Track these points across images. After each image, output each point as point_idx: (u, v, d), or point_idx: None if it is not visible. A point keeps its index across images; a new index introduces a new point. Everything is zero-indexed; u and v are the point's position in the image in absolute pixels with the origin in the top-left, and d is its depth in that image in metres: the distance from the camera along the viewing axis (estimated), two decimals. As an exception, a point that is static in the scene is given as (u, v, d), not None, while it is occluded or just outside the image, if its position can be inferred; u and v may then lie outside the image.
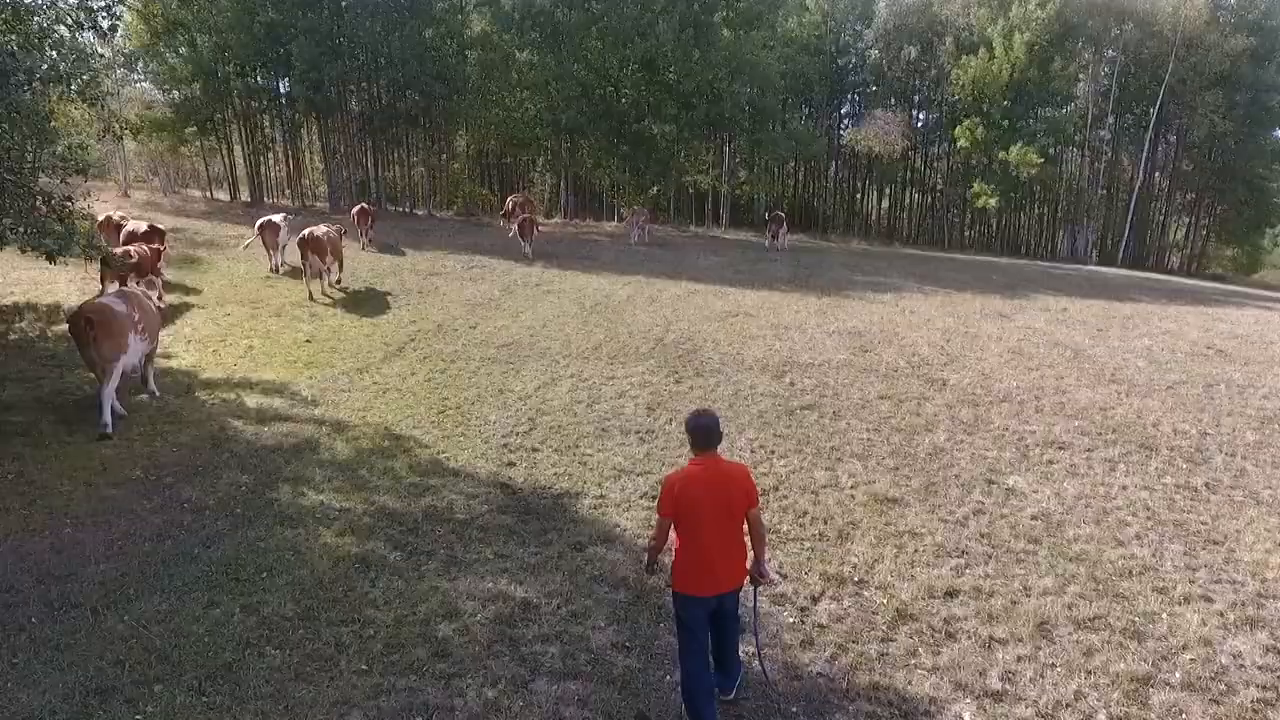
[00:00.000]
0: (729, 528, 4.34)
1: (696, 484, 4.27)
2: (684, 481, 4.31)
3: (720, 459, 4.43)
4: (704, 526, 4.26)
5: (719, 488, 4.29)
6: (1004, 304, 19.15)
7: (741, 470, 4.54)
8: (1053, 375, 12.35)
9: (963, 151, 36.59)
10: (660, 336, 14.06)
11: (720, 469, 4.38)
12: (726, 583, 4.38)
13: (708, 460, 4.36)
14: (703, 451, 4.38)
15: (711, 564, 4.30)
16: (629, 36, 31.14)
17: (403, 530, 6.74)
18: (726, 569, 4.36)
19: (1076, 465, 8.60)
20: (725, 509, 4.30)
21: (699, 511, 4.25)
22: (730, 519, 4.33)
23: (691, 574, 4.32)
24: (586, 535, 6.71)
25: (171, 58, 34.10)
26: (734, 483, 4.36)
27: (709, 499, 4.26)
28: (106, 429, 8.67)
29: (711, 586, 4.32)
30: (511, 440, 8.96)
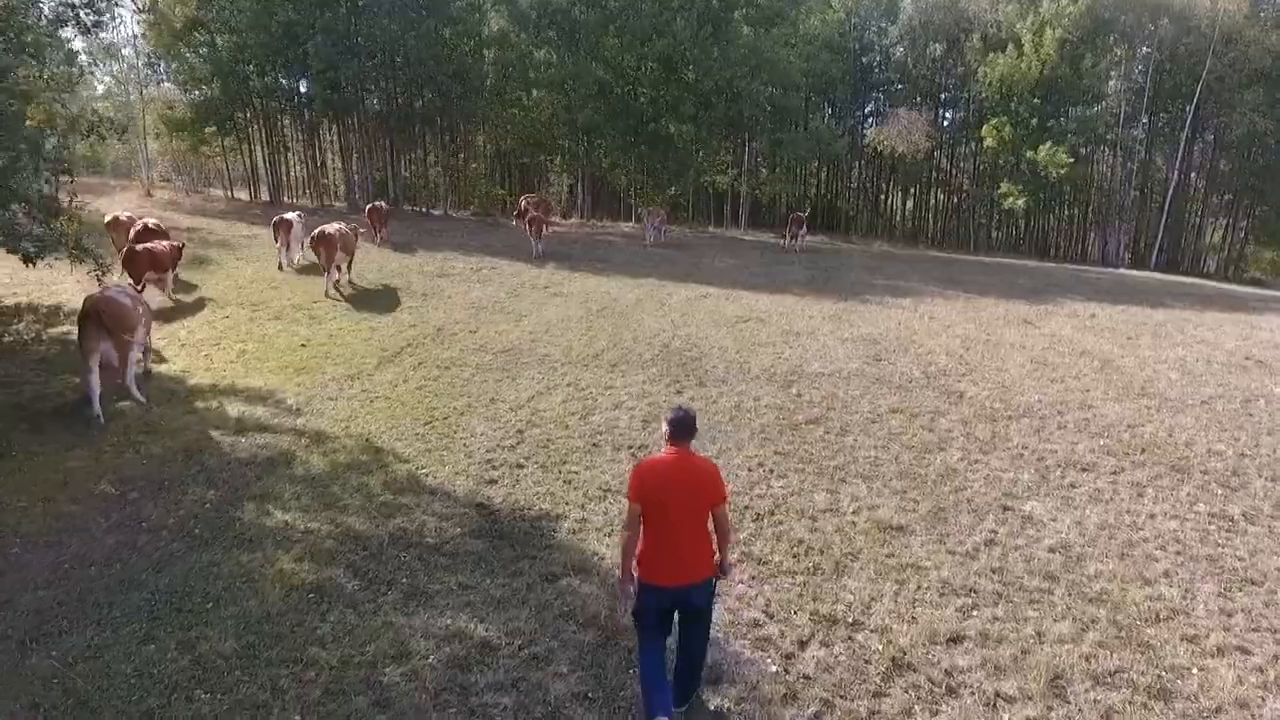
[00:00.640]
0: (694, 520, 4.39)
1: (664, 472, 4.36)
2: (652, 469, 4.39)
3: (692, 453, 4.52)
4: (669, 515, 4.32)
5: (686, 478, 4.37)
6: (1029, 309, 18.38)
7: (711, 466, 4.60)
8: (1078, 388, 11.66)
9: (990, 151, 35.58)
10: (666, 343, 13.55)
11: (690, 461, 4.45)
12: (689, 573, 4.37)
13: (680, 451, 4.44)
14: (678, 443, 4.45)
15: (675, 553, 4.34)
16: (647, 34, 30.66)
17: (365, 555, 6.31)
18: (690, 560, 4.37)
19: (1100, 490, 7.96)
20: (691, 500, 4.37)
21: (665, 499, 4.30)
22: (696, 511, 4.39)
23: (655, 562, 4.36)
24: (561, 564, 6.23)
25: (191, 57, 34.23)
26: (702, 476, 4.44)
27: (676, 488, 4.33)
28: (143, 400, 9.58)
29: (673, 576, 4.34)
30: (496, 455, 8.51)
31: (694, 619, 4.52)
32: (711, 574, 4.50)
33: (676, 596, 4.37)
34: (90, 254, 11.62)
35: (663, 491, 4.31)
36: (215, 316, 14.71)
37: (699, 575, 4.40)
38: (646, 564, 4.38)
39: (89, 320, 9.11)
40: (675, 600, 4.40)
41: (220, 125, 35.97)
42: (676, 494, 4.32)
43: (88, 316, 9.14)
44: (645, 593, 4.40)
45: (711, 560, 4.50)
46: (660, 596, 4.36)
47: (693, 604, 4.44)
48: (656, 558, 4.36)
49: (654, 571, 4.35)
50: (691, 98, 31.74)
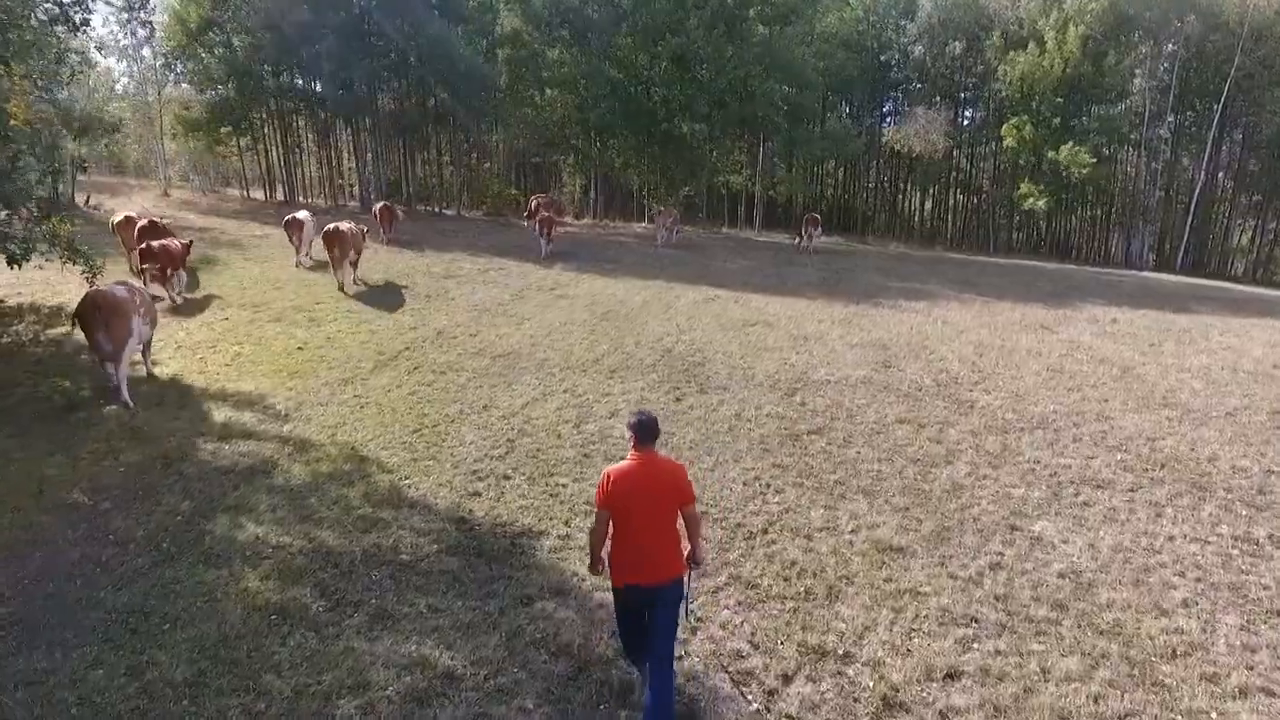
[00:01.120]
0: (662, 521, 4.45)
1: (631, 477, 4.42)
2: (619, 475, 4.44)
3: (657, 455, 4.58)
4: (637, 518, 4.39)
5: (653, 482, 4.43)
6: (1047, 314, 17.84)
7: (677, 468, 4.67)
8: (1095, 398, 11.19)
9: (1010, 151, 34.85)
10: (669, 347, 13.22)
11: (656, 464, 4.51)
12: (659, 573, 4.42)
13: (645, 455, 4.49)
14: (642, 447, 4.50)
15: (644, 554, 4.40)
16: (660, 33, 30.31)
17: (335, 574, 6.03)
18: (659, 561, 4.43)
19: (1116, 509, 7.53)
20: (658, 503, 4.43)
21: (632, 504, 4.38)
22: (663, 513, 4.46)
23: (627, 563, 4.44)
24: (538, 586, 5.93)
25: (207, 58, 34.33)
26: (668, 479, 4.51)
27: (642, 492, 4.39)
28: (129, 403, 9.55)
29: (643, 576, 4.41)
30: (483, 465, 8.23)
31: (661, 615, 4.50)
32: (681, 572, 4.57)
33: (647, 596, 4.44)
34: (84, 255, 11.49)
35: (631, 497, 4.37)
36: (215, 318, 14.57)
37: (668, 575, 4.46)
38: (618, 566, 4.48)
39: (86, 316, 9.42)
40: (646, 599, 4.46)
41: (235, 125, 36.11)
42: (644, 498, 4.39)
43: (84, 313, 9.44)
44: (618, 594, 4.55)
45: (680, 560, 4.56)
46: (632, 595, 4.47)
47: (662, 602, 4.48)
48: (627, 560, 4.43)
49: (625, 573, 4.45)
50: (705, 97, 31.35)
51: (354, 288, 17.30)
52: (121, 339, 9.61)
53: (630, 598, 4.50)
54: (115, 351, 9.58)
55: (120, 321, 9.57)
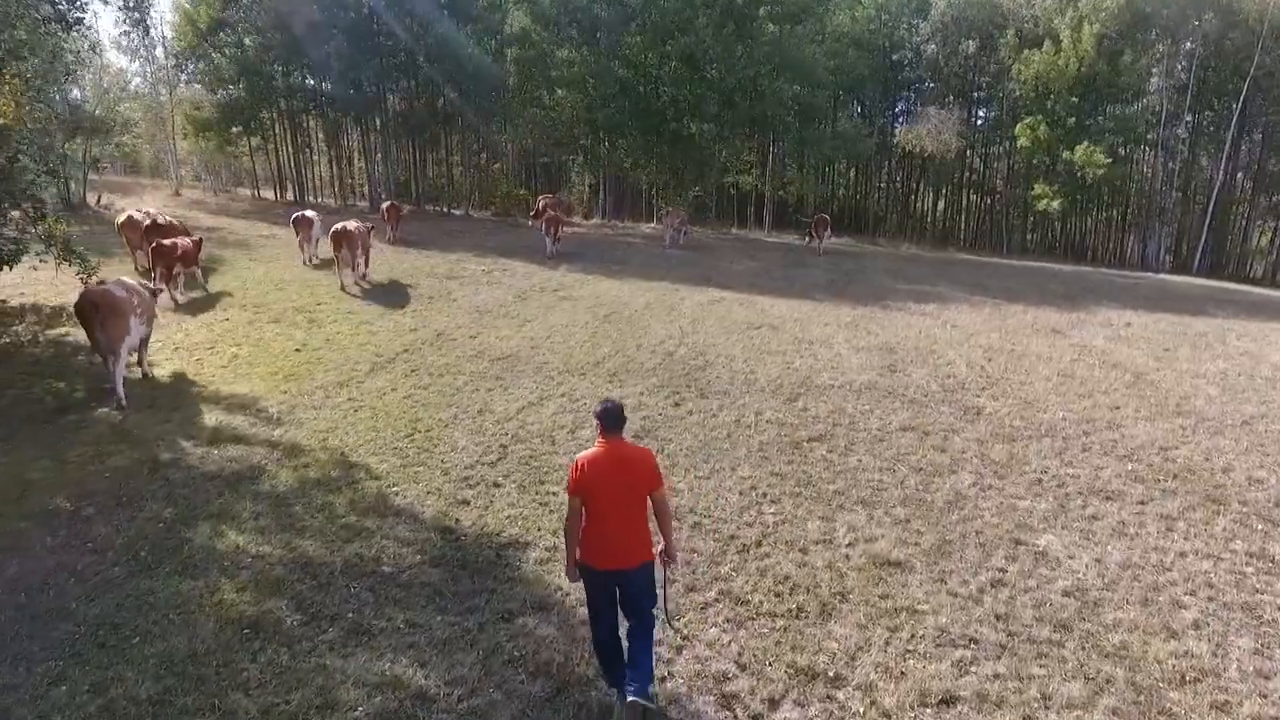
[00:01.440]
0: (631, 507, 4.54)
1: (600, 464, 4.51)
2: (589, 462, 4.52)
3: (624, 442, 4.67)
4: (606, 504, 4.47)
5: (621, 468, 4.53)
6: (1059, 317, 17.51)
7: (646, 454, 4.77)
8: (1107, 404, 10.89)
9: (1024, 151, 34.41)
10: (671, 351, 13.02)
11: (623, 451, 4.61)
12: (628, 558, 4.52)
13: (612, 443, 4.59)
14: (609, 434, 4.60)
15: (613, 539, 4.50)
16: (668, 32, 30.11)
17: (314, 586, 5.87)
18: (628, 545, 4.53)
19: (1125, 523, 7.26)
20: (627, 489, 4.52)
21: (602, 490, 4.47)
22: (632, 499, 4.54)
23: (595, 548, 4.53)
24: (520, 600, 5.74)
25: (218, 57, 34.41)
26: (637, 465, 4.59)
27: (611, 478, 4.48)
28: (122, 402, 9.62)
29: (612, 560, 4.50)
30: (474, 472, 8.05)
31: (634, 600, 4.62)
32: (650, 559, 4.65)
33: (617, 579, 4.55)
34: (80, 256, 11.42)
35: (599, 484, 4.47)
36: (215, 318, 14.50)
37: (637, 560, 4.56)
38: (588, 549, 4.56)
39: (85, 314, 9.64)
40: (616, 583, 4.56)
41: (245, 125, 36.20)
42: (612, 485, 4.49)
43: (82, 311, 9.66)
44: (588, 575, 4.60)
45: (649, 546, 4.66)
46: (602, 579, 4.56)
47: (632, 587, 4.58)
48: (597, 544, 4.53)
49: (595, 556, 4.53)
50: (714, 96, 31.12)
51: (360, 286, 17.41)
52: (118, 336, 9.75)
53: (599, 581, 4.58)
54: (112, 348, 9.74)
55: (117, 320, 9.74)
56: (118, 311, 9.76)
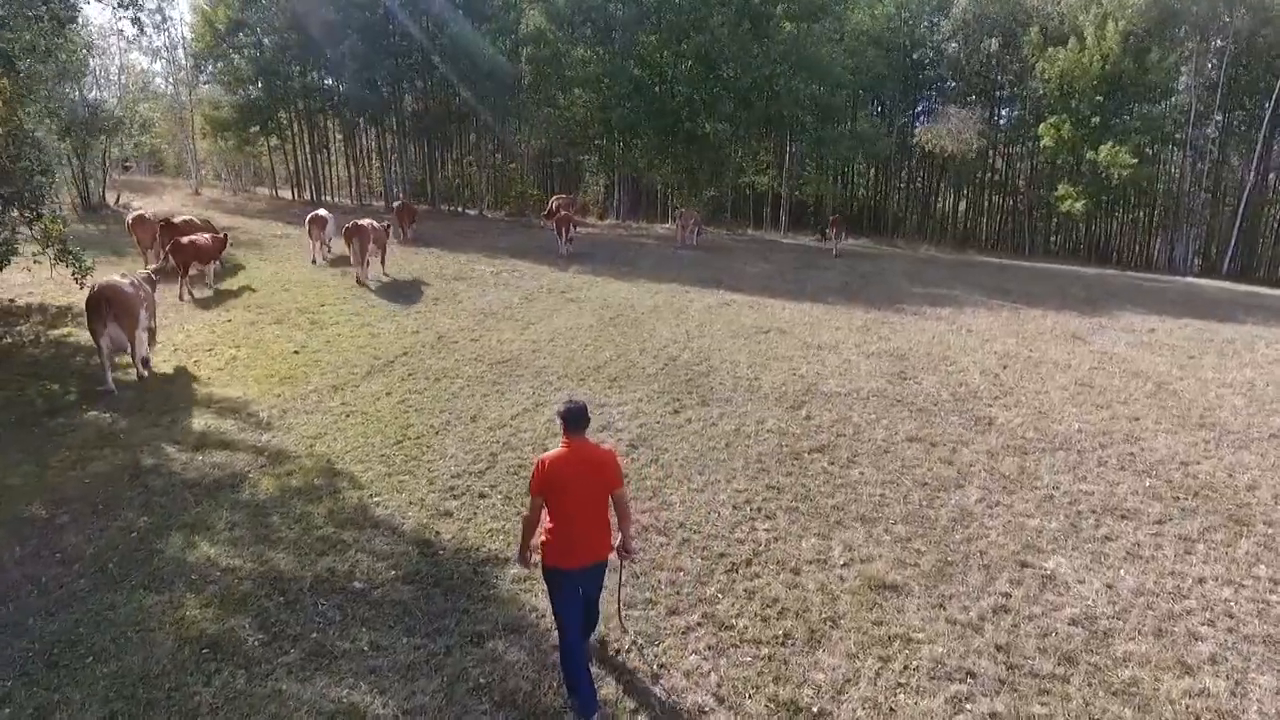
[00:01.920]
0: (593, 506, 4.62)
1: (563, 464, 4.55)
2: (553, 462, 4.56)
3: (588, 442, 4.71)
4: (571, 504, 4.52)
5: (584, 468, 4.57)
6: (1080, 322, 16.97)
7: (608, 455, 4.78)
8: (1126, 415, 10.44)
9: (1047, 151, 33.67)
10: (675, 355, 12.72)
11: (586, 451, 4.65)
12: (589, 555, 4.62)
13: (576, 443, 4.63)
14: (572, 434, 4.64)
15: (576, 539, 4.56)
16: (684, 31, 29.79)
17: (281, 603, 5.65)
18: (590, 543, 4.61)
19: (1140, 544, 6.86)
20: (589, 488, 4.58)
21: (564, 489, 4.51)
22: (594, 498, 4.61)
23: (561, 548, 4.56)
24: (493, 622, 5.48)
25: (236, 58, 34.58)
26: (599, 465, 4.63)
27: (574, 478, 4.53)
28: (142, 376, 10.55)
29: (575, 559, 4.57)
30: (460, 481, 7.82)
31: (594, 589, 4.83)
32: (608, 555, 4.76)
33: (582, 577, 4.65)
34: (75, 256, 11.35)
35: (562, 483, 4.52)
36: (218, 319, 14.41)
37: (599, 556, 4.69)
38: (553, 550, 4.59)
39: (94, 307, 10.02)
40: (581, 580, 4.65)
41: (263, 125, 36.36)
42: (576, 484, 4.53)
43: (93, 304, 10.05)
44: (556, 578, 4.64)
45: (609, 543, 4.76)
46: (569, 579, 4.60)
47: (592, 583, 4.76)
48: (562, 544, 4.56)
49: (561, 557, 4.57)
50: (729, 96, 30.74)
51: (375, 282, 17.74)
52: (130, 328, 10.27)
53: (569, 582, 4.63)
54: (125, 340, 10.27)
55: (128, 314, 10.21)
56: (129, 306, 10.23)
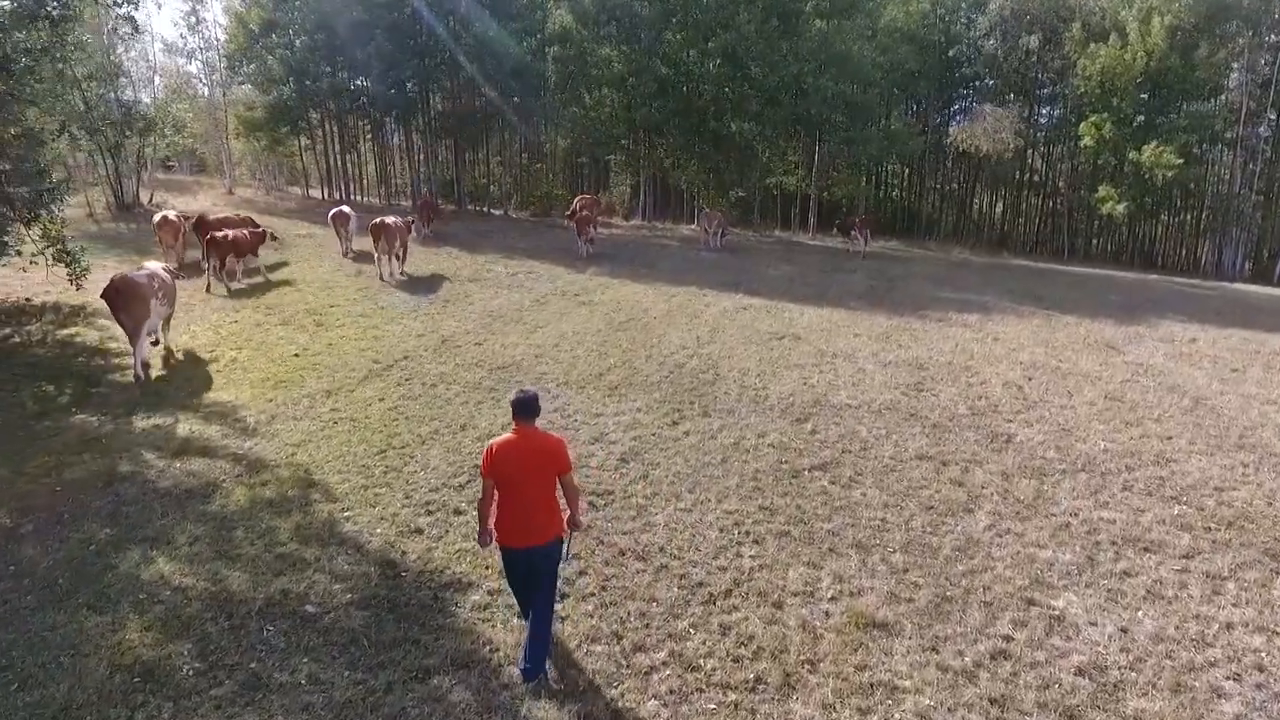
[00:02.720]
0: (540, 489, 4.81)
1: (511, 449, 4.77)
2: (500, 446, 4.79)
3: (537, 430, 4.90)
4: (517, 486, 4.75)
5: (532, 454, 4.78)
6: (1115, 331, 16.14)
7: (557, 442, 4.98)
8: (1157, 434, 9.75)
9: (1088, 151, 32.46)
10: (682, 362, 12.29)
11: (535, 438, 4.85)
12: (538, 536, 4.80)
13: (525, 430, 4.84)
14: (522, 421, 4.84)
15: (524, 519, 4.77)
16: (710, 29, 29.27)
17: (225, 627, 5.36)
18: (538, 524, 4.80)
19: (1163, 581, 6.27)
20: (537, 472, 4.78)
21: (512, 473, 4.73)
22: (542, 482, 4.81)
23: (511, 528, 4.80)
24: (443, 655, 5.12)
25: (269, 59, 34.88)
26: (546, 452, 4.83)
27: (522, 463, 4.74)
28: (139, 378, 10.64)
29: (524, 539, 4.79)
30: (437, 496, 7.49)
31: (542, 576, 4.93)
32: (559, 533, 4.92)
33: (530, 556, 4.83)
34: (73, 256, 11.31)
35: (511, 466, 4.73)
36: (225, 320, 14.34)
37: (548, 536, 4.84)
38: (505, 532, 4.82)
39: (109, 298, 10.61)
40: (530, 559, 4.84)
41: (293, 125, 36.64)
42: (523, 468, 4.74)
43: (107, 295, 10.64)
44: (507, 555, 4.91)
45: (559, 522, 4.91)
46: (518, 557, 4.86)
47: (545, 562, 4.89)
48: (511, 525, 4.79)
49: (510, 536, 4.80)
50: (756, 94, 30.15)
51: (394, 279, 18.13)
52: (140, 318, 10.72)
53: (515, 558, 4.89)
54: (134, 329, 10.73)
55: (139, 303, 10.69)
56: (139, 295, 10.69)
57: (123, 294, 10.56)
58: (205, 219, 18.95)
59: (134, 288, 10.69)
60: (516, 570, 4.97)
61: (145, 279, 11.05)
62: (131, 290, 10.64)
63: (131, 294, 10.62)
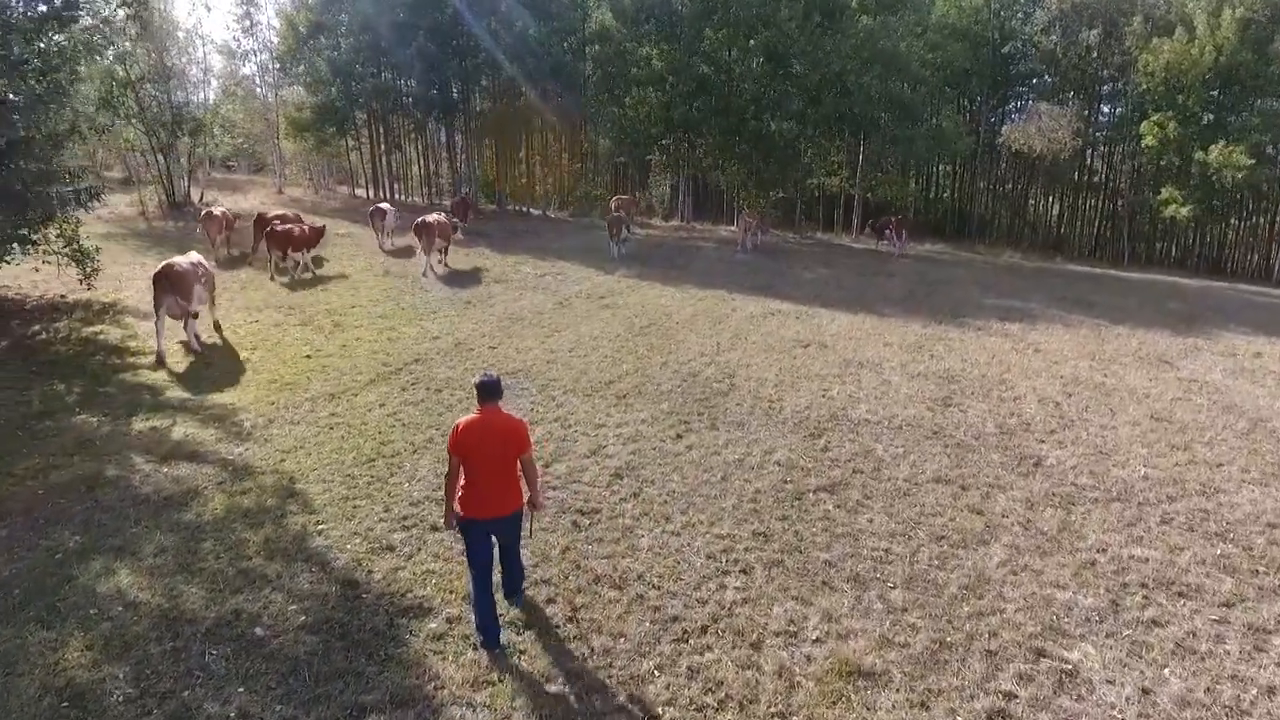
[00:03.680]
0: (501, 466, 5.17)
1: (475, 428, 5.14)
2: (466, 426, 5.18)
3: (499, 411, 5.27)
4: (480, 463, 5.12)
5: (494, 433, 5.13)
6: (1171, 343, 15.11)
7: (518, 423, 5.33)
8: (1206, 460, 8.93)
9: (1150, 151, 30.85)
10: (697, 370, 11.82)
11: (497, 418, 5.22)
12: (498, 509, 5.21)
13: (488, 411, 5.22)
14: (485, 403, 5.23)
15: (485, 493, 5.16)
16: (751, 26, 28.64)
17: (168, 649, 5.12)
18: (498, 498, 5.20)
19: (1196, 633, 5.59)
20: (498, 450, 5.14)
21: (474, 450, 5.11)
22: (502, 458, 5.16)
23: (470, 501, 5.17)
24: (384, 690, 4.78)
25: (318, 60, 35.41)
26: (507, 432, 5.19)
27: (483, 441, 5.10)
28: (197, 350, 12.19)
29: (485, 511, 5.18)
30: (417, 510, 7.19)
31: (507, 545, 5.48)
32: (519, 507, 5.34)
33: (491, 527, 5.24)
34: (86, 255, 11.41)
35: (475, 444, 5.11)
36: (246, 319, 14.39)
37: (507, 510, 5.26)
38: (466, 502, 5.18)
39: (157, 282, 11.86)
40: (491, 530, 5.25)
41: (339, 126, 37.15)
42: (486, 446, 5.11)
43: (156, 279, 11.89)
44: (467, 526, 5.24)
45: (519, 497, 5.33)
46: (479, 527, 5.21)
47: (507, 533, 5.40)
48: (475, 498, 5.16)
49: (474, 508, 5.17)
50: (798, 93, 29.40)
51: (432, 272, 19.01)
52: (186, 300, 12.04)
53: (476, 530, 5.21)
54: (182, 311, 12.04)
55: (184, 287, 12.01)
56: (185, 280, 12.04)
57: (169, 279, 11.92)
58: (263, 216, 20.33)
59: (181, 274, 12.04)
60: (480, 542, 5.24)
61: (190, 266, 12.39)
62: (178, 276, 12.01)
63: (178, 279, 11.99)
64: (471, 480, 5.17)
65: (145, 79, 29.60)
